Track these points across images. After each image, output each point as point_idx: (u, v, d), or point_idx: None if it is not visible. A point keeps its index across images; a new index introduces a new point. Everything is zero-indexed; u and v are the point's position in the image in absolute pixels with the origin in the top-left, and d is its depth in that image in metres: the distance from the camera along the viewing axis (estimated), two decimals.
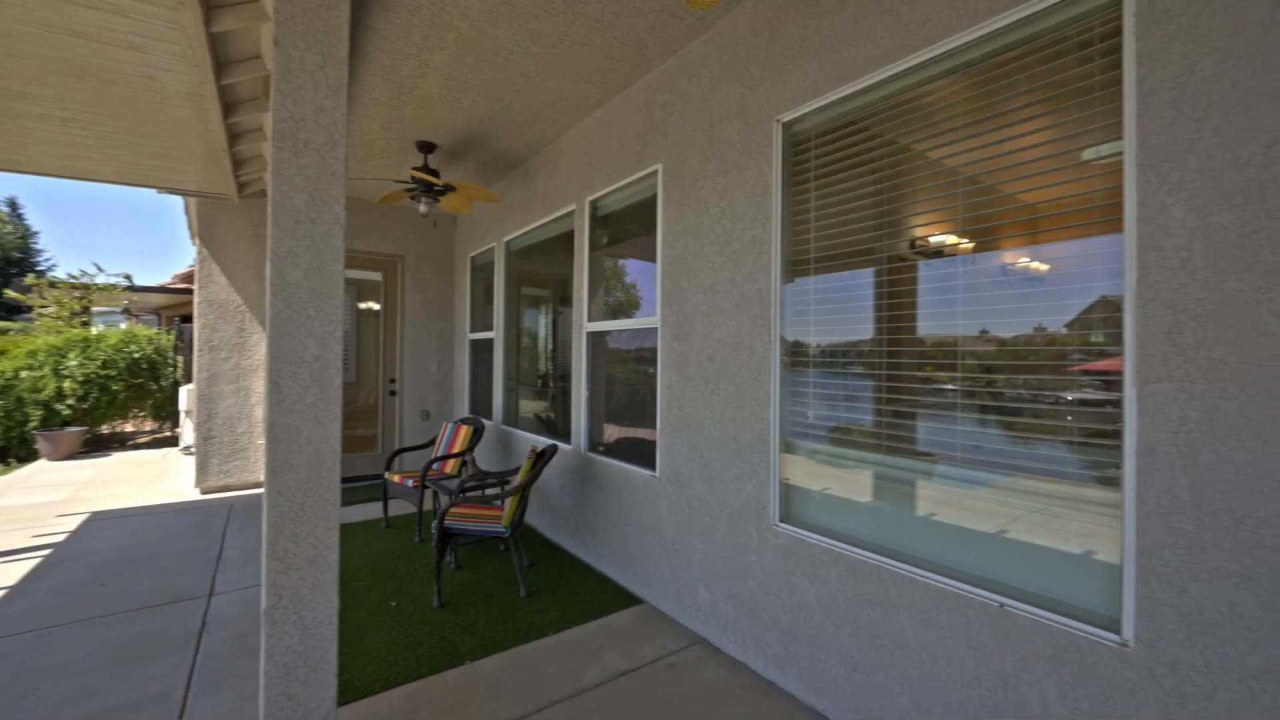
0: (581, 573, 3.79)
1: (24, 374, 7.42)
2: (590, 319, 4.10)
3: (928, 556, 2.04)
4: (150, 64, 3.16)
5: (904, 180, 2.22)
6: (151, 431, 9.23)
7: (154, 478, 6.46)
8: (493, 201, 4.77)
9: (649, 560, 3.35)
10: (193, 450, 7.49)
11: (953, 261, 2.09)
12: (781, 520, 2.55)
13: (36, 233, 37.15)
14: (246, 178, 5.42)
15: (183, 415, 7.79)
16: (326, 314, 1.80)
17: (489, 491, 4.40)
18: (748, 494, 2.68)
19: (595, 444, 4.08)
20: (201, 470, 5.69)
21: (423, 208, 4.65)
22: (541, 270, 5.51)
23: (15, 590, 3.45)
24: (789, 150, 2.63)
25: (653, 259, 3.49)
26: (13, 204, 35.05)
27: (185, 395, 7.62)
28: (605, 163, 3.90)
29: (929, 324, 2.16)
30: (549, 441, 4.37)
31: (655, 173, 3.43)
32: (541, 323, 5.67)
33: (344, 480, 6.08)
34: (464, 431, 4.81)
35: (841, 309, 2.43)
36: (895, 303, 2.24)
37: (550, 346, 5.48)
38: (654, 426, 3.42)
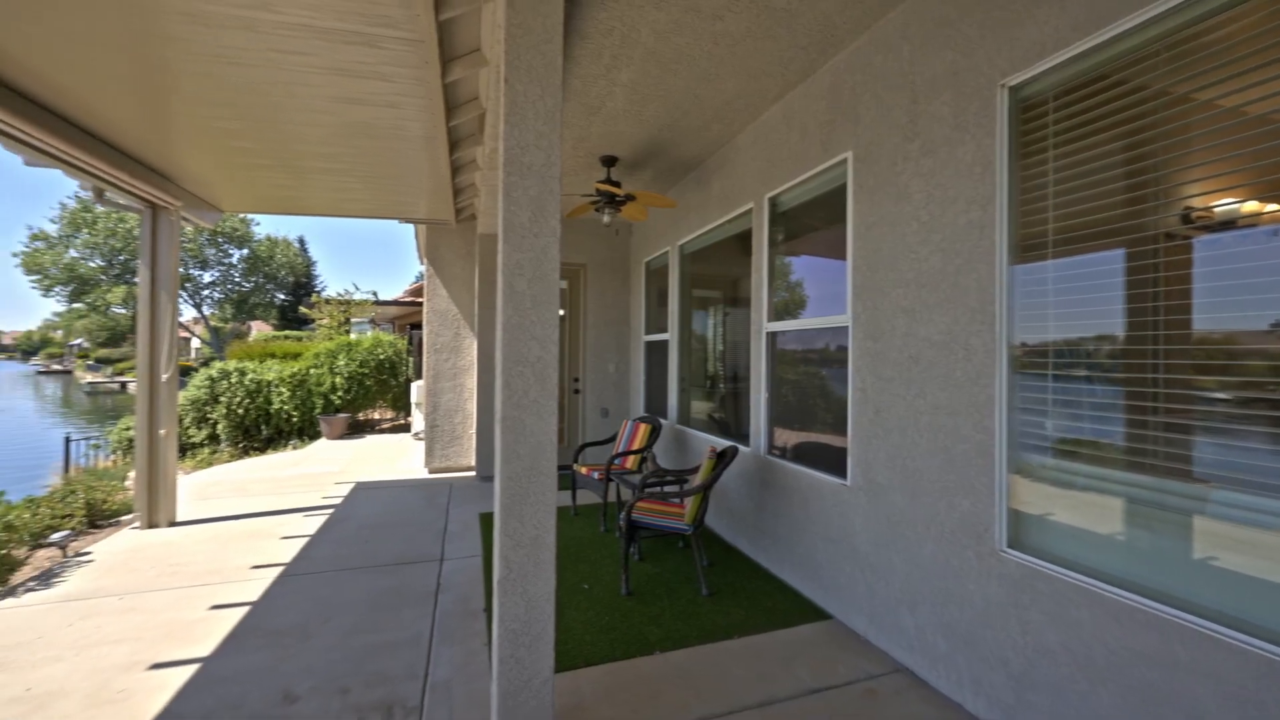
0: (761, 577, 3.71)
1: (312, 371, 9.59)
2: (769, 318, 4.00)
3: (1234, 612, 1.59)
4: (402, 117, 3.82)
5: (1177, 138, 1.77)
6: (391, 419, 11.28)
7: (395, 458, 7.87)
8: (670, 207, 4.92)
9: (838, 573, 3.15)
10: (421, 436, 8.97)
11: (1248, 235, 1.61)
12: (1010, 546, 2.20)
13: (315, 261, 47.81)
14: (461, 204, 6.33)
15: (413, 407, 9.37)
16: (546, 319, 2.00)
17: (667, 488, 4.53)
18: (963, 512, 2.37)
19: (774, 447, 3.97)
20: (429, 454, 6.77)
21: (606, 218, 4.97)
22: (715, 272, 5.53)
23: (314, 539, 4.45)
24: (1017, 118, 2.26)
25: (837, 255, 3.28)
26: (301, 240, 45.42)
27: (415, 390, 9.15)
28: (785, 156, 3.77)
29: (1214, 315, 1.69)
30: (727, 442, 4.36)
31: (843, 161, 3.22)
32: (714, 324, 5.70)
33: None
34: (643, 429, 5.03)
35: (1089, 299, 2.02)
36: (1165, 290, 1.79)
37: (721, 348, 5.48)
38: (840, 431, 3.21)
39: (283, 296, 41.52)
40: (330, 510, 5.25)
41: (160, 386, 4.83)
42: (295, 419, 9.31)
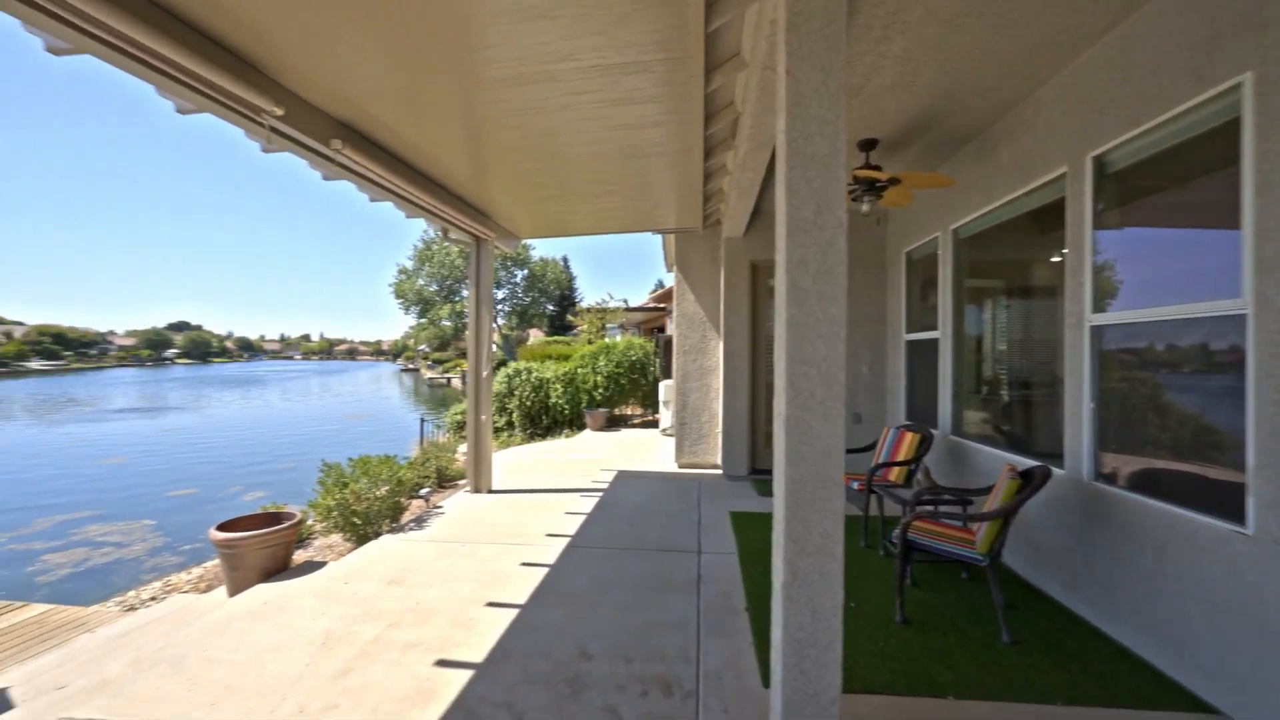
0: (1085, 634, 2.95)
1: (579, 371, 11.09)
2: (1092, 309, 3.17)
3: None
4: (664, 133, 4.10)
5: None
6: (641, 415, 12.35)
7: (647, 451, 8.56)
8: (946, 186, 4.29)
9: (1233, 656, 2.31)
10: (669, 432, 9.60)
11: None
12: None
13: (575, 276, 55.44)
14: (708, 210, 6.55)
15: (661, 405, 10.08)
16: (832, 316, 1.89)
17: (944, 508, 3.96)
18: None
19: (1103, 471, 3.12)
20: (679, 449, 7.18)
21: (865, 207, 4.58)
22: (1000, 257, 4.65)
23: (590, 517, 5.09)
24: None
25: (1211, 221, 2.41)
26: (565, 259, 53.06)
27: (663, 389, 9.84)
28: (1120, 102, 2.94)
29: None
30: (1029, 461, 3.61)
31: (1234, 88, 2.36)
32: (998, 319, 4.79)
33: (769, 472, 6.63)
34: (909, 439, 4.49)
35: None
36: None
37: (1005, 347, 4.56)
38: (1227, 458, 2.35)
39: (551, 307, 49.25)
40: (600, 493, 5.95)
41: (482, 381, 6.10)
42: (567, 411, 10.88)
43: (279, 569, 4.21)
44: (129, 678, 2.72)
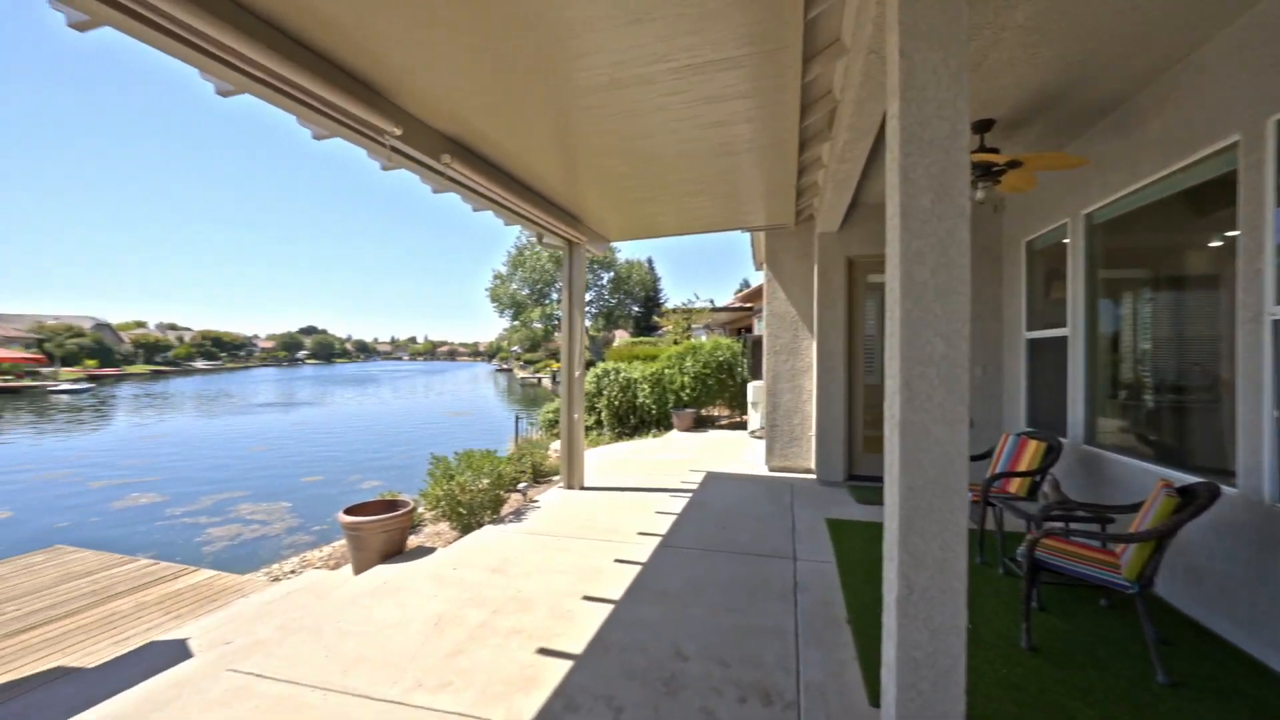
0: (1271, 685, 2.51)
1: (666, 371, 11.13)
2: (1278, 300, 2.69)
3: None
4: (756, 129, 4.01)
5: None
6: (728, 417, 12.18)
7: (736, 453, 8.42)
8: (1079, 166, 3.84)
9: None
10: (758, 434, 9.39)
11: None
12: None
13: (659, 277, 55.83)
14: (801, 205, 6.33)
15: (750, 406, 9.88)
16: (953, 311, 1.75)
17: (1077, 525, 3.54)
18: None
19: None
20: (769, 452, 7.00)
21: (980, 194, 4.21)
22: (1146, 244, 4.09)
23: (680, 518, 5.09)
24: None
25: None
26: (650, 260, 53.57)
27: (752, 390, 9.64)
28: None
29: None
30: (1192, 478, 3.14)
31: None
32: (1144, 314, 4.21)
33: (869, 479, 6.27)
34: (1033, 448, 4.07)
35: None
36: None
37: (1147, 346, 3.99)
38: None
39: (636, 309, 49.93)
40: (689, 494, 5.93)
41: (574, 381, 6.29)
42: (654, 412, 10.96)
43: (396, 551, 4.59)
44: (277, 640, 3.07)
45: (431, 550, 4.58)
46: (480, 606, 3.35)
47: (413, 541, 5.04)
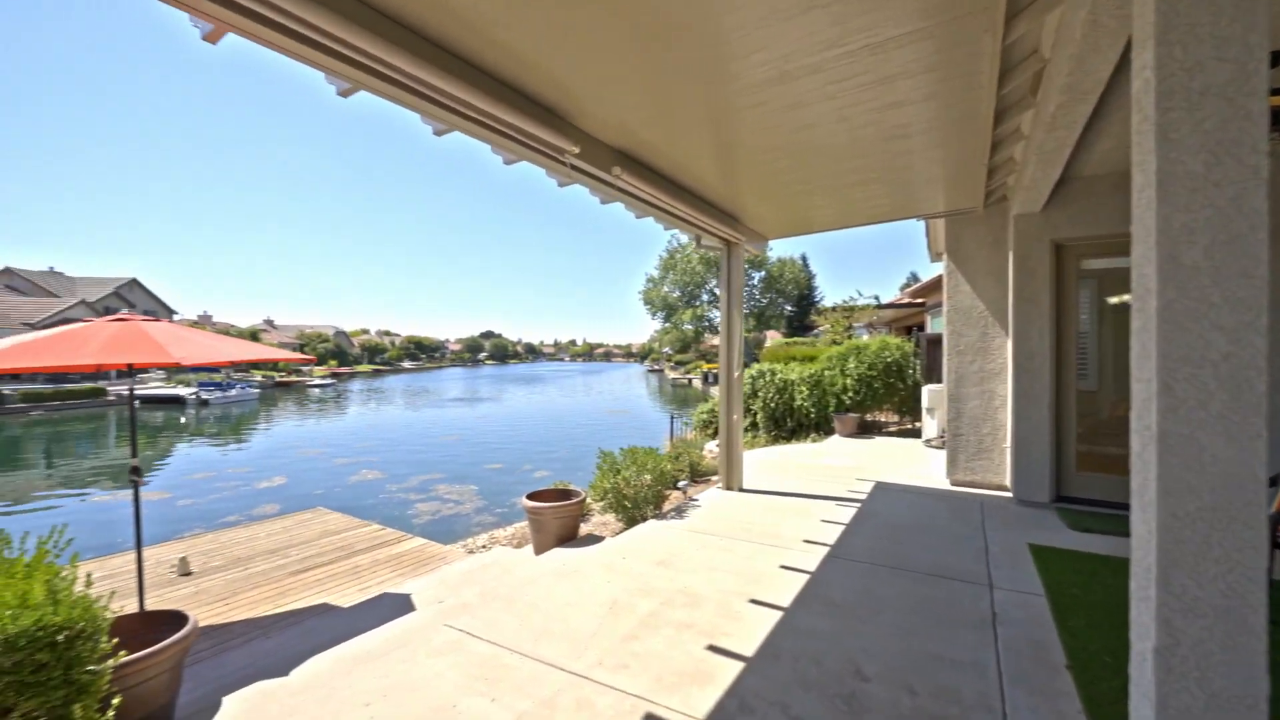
0: None
1: (825, 373, 10.56)
2: None
3: None
4: (940, 105, 3.62)
5: None
6: (897, 423, 11.17)
7: (907, 462, 7.68)
8: None
9: None
10: (935, 444, 8.47)
11: None
12: None
13: (814, 274, 53.26)
14: (993, 186, 5.57)
15: (924, 413, 8.95)
16: (1240, 299, 1.40)
17: None
18: None
19: None
20: (951, 463, 6.26)
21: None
22: None
23: (849, 528, 4.79)
24: None
25: None
26: (804, 257, 51.35)
27: (927, 394, 8.72)
28: None
29: None
30: None
31: None
32: None
33: (1083, 502, 5.25)
34: None
35: None
36: None
37: None
38: None
39: (789, 308, 48.14)
40: (856, 504, 5.55)
41: (733, 383, 6.26)
42: (813, 415, 10.46)
43: (569, 537, 4.98)
44: (478, 604, 3.52)
45: (600, 539, 4.89)
46: (649, 596, 3.49)
47: (583, 529, 5.42)
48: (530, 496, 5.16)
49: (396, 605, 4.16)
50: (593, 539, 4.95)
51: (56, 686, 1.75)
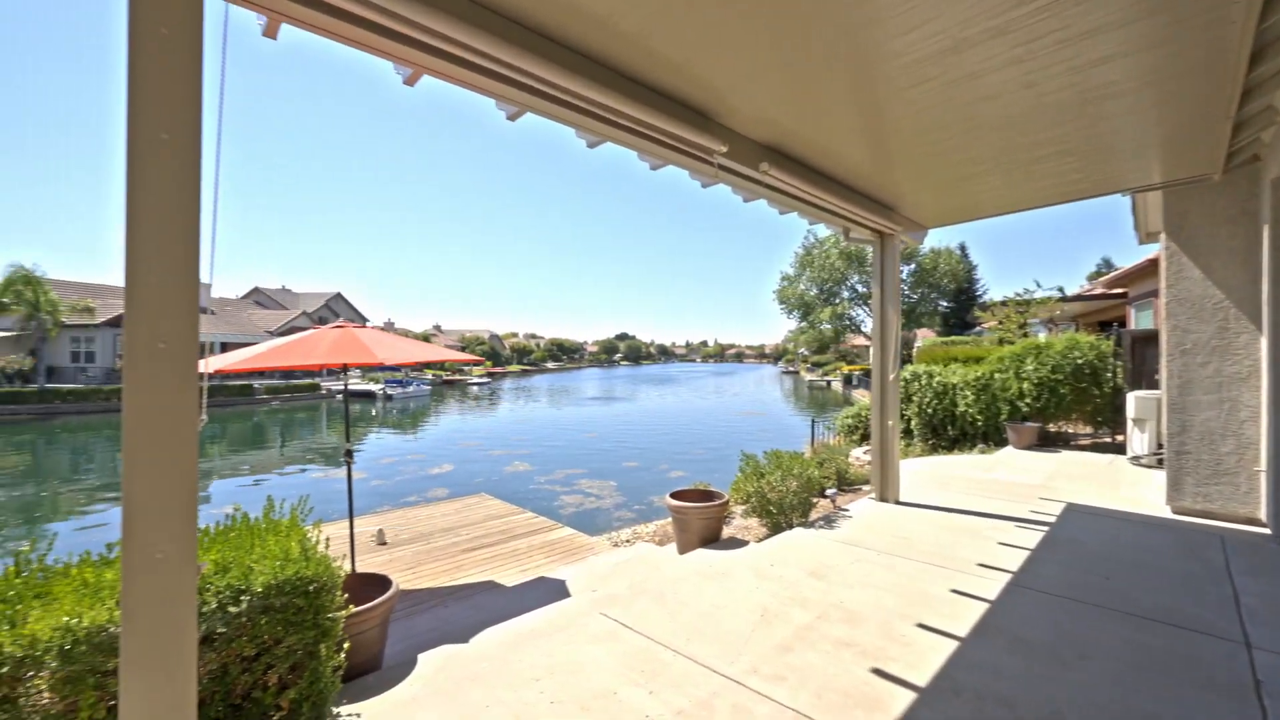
0: None
1: (996, 376, 9.32)
2: None
3: None
4: (1164, 55, 3.00)
5: None
6: (1091, 435, 9.50)
7: (1108, 483, 6.49)
8: None
9: None
10: (1146, 462, 7.06)
11: None
12: None
13: (975, 265, 47.54)
14: (1237, 145, 4.50)
15: (1130, 424, 7.50)
16: None
17: None
18: None
19: None
20: (1174, 487, 5.16)
21: None
22: None
23: (1035, 555, 4.16)
24: None
25: None
26: (962, 247, 46.13)
27: (1135, 403, 7.30)
28: None
29: None
30: None
31: None
32: None
33: None
34: None
35: None
36: None
37: None
38: None
39: (945, 304, 43.42)
40: (1042, 527, 4.81)
41: (888, 386, 5.78)
42: (979, 423, 9.30)
43: (712, 539, 4.96)
44: (628, 598, 3.63)
45: (744, 543, 4.80)
46: (803, 608, 3.33)
47: (725, 532, 5.37)
48: (674, 495, 5.23)
49: (552, 590, 4.46)
50: (736, 542, 4.87)
51: (309, 628, 2.15)
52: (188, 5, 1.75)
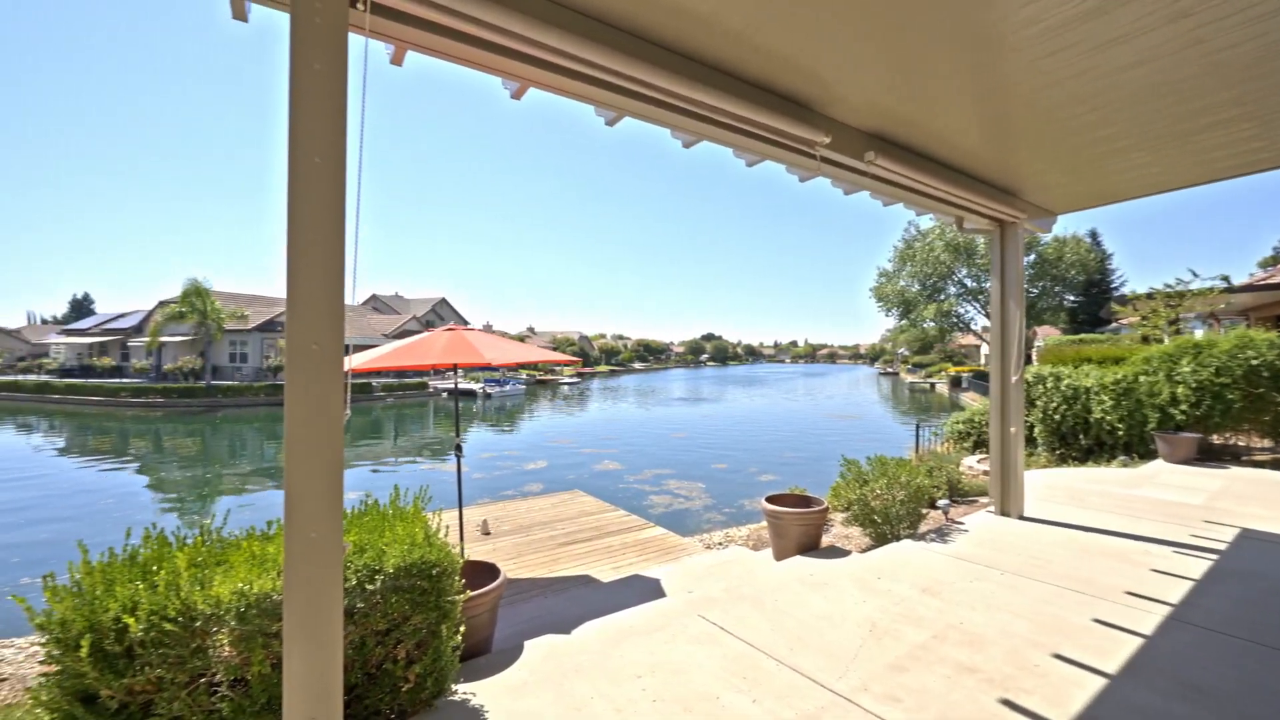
0: None
1: (1141, 379, 8.19)
2: None
3: None
4: None
5: None
6: (1267, 450, 8.08)
7: None
8: None
9: None
10: None
11: None
12: None
13: (1110, 255, 42.19)
14: None
15: None
16: None
17: None
18: None
19: None
20: None
21: None
22: None
23: (1200, 586, 3.60)
24: None
25: None
26: (1093, 234, 41.17)
27: None
28: None
29: None
30: None
31: None
32: None
33: None
34: None
35: None
36: None
37: None
38: None
39: (1071, 298, 38.89)
40: (1209, 555, 4.15)
41: (1010, 388, 5.26)
42: (1119, 432, 8.21)
43: (811, 546, 4.77)
44: (726, 601, 3.58)
45: (845, 553, 4.57)
46: (916, 626, 3.11)
47: (824, 540, 5.14)
48: (769, 500, 5.09)
49: (647, 588, 4.50)
50: (836, 551, 4.65)
51: (432, 609, 2.32)
52: (336, 43, 1.95)
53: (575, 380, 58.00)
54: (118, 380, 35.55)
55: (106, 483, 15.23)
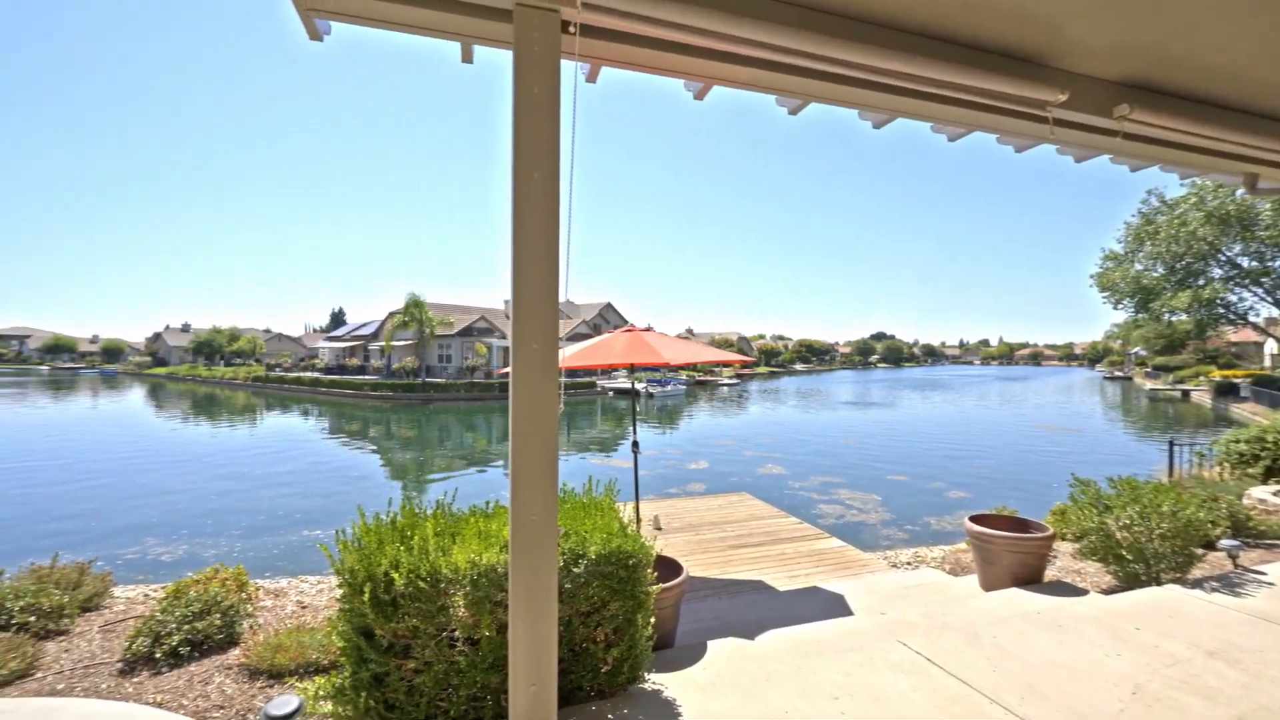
0: None
1: None
2: None
3: None
4: None
5: None
6: None
7: None
8: None
9: None
10: None
11: None
12: None
13: None
14: None
15: None
16: None
17: None
18: None
19: None
20: None
21: None
22: None
23: None
24: None
25: None
26: None
27: None
28: None
29: None
30: None
31: None
32: None
33: None
34: None
35: None
36: None
37: None
38: None
39: None
40: None
41: None
42: None
43: (1031, 579, 4.05)
44: (927, 630, 3.18)
45: (1082, 591, 3.80)
46: (1204, 698, 2.44)
47: (1048, 574, 4.35)
48: (974, 519, 4.45)
49: (830, 602, 4.22)
50: (1065, 588, 3.89)
51: (628, 597, 2.42)
52: (550, 68, 2.13)
53: (735, 381, 57.49)
54: (362, 377, 43.90)
55: (357, 459, 18.91)
